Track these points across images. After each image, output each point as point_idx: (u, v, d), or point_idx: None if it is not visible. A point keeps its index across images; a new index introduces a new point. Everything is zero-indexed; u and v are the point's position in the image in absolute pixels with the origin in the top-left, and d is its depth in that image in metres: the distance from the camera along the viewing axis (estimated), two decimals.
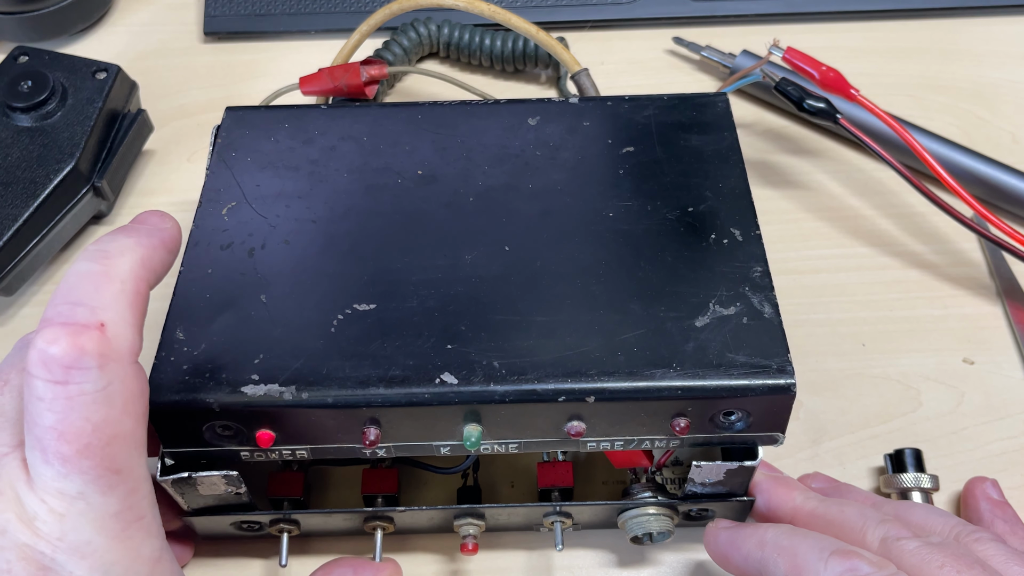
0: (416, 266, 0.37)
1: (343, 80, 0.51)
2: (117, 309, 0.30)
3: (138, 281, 0.31)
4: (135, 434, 0.30)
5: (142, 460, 0.30)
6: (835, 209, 0.53)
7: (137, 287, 0.31)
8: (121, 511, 0.29)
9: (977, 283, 0.50)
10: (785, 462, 0.43)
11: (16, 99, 0.50)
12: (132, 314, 0.30)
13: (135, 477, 0.30)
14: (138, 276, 0.31)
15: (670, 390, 0.33)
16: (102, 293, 0.30)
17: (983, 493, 0.40)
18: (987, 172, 0.52)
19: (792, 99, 0.50)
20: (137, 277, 0.31)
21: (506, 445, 0.36)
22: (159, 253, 0.33)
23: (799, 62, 0.50)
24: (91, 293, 0.29)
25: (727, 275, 0.37)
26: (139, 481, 0.30)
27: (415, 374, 0.34)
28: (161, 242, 0.33)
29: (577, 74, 0.53)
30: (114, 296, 0.30)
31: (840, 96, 0.50)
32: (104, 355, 0.29)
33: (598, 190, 0.40)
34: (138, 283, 0.31)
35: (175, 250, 0.34)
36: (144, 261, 0.32)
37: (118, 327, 0.29)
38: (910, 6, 0.62)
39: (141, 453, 0.30)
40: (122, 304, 0.30)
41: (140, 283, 0.31)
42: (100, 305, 0.29)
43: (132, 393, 0.30)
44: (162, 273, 0.33)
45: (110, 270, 0.30)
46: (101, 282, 0.30)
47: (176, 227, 0.34)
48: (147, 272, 0.32)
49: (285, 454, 0.36)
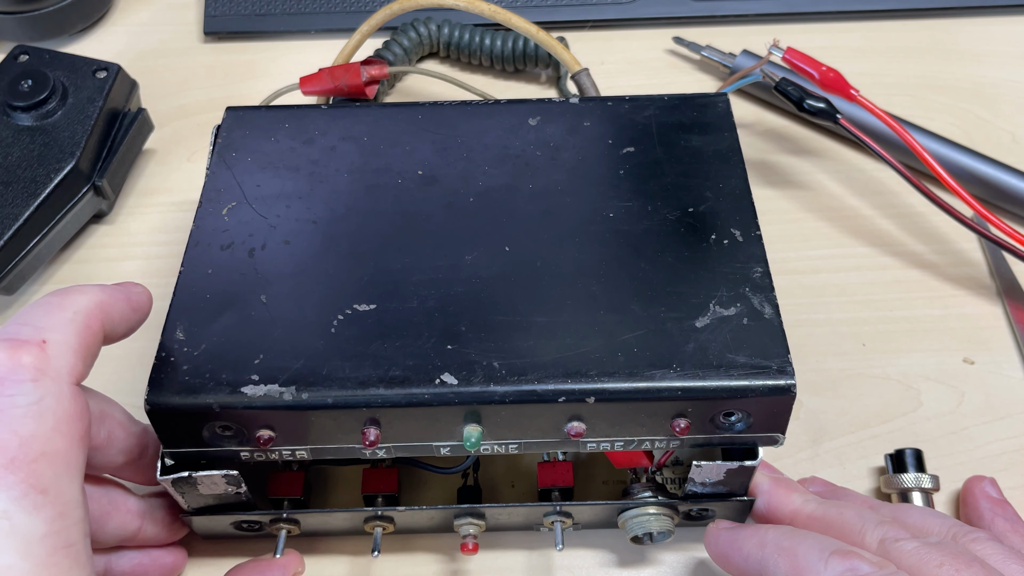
0: (416, 266, 0.37)
1: (343, 80, 0.51)
2: (63, 332, 0.30)
3: (90, 316, 0.31)
4: (68, 456, 0.29)
5: (75, 485, 0.29)
6: (835, 209, 0.53)
7: (88, 321, 0.31)
8: (47, 535, 0.28)
9: (977, 283, 0.50)
10: (785, 462, 0.43)
11: (17, 98, 0.50)
12: (78, 341, 0.30)
13: (65, 501, 0.28)
14: (91, 313, 0.31)
15: (670, 391, 0.33)
16: (51, 317, 0.30)
17: (982, 492, 0.40)
18: (987, 172, 0.52)
19: (792, 99, 0.50)
20: (90, 313, 0.31)
21: (506, 446, 0.36)
22: (121, 304, 0.33)
23: (799, 62, 0.50)
24: (40, 316, 0.30)
25: (727, 276, 0.37)
26: (69, 506, 0.28)
27: (415, 374, 0.34)
28: (126, 297, 0.34)
29: (577, 74, 0.53)
30: (62, 321, 0.30)
31: (840, 96, 0.50)
32: (40, 370, 0.29)
33: (598, 190, 0.40)
34: (90, 318, 0.31)
35: (140, 310, 0.34)
36: (102, 304, 0.32)
37: (60, 348, 0.30)
38: (910, 6, 0.62)
39: (74, 477, 0.29)
40: (69, 330, 0.30)
41: (92, 319, 0.31)
42: (46, 326, 0.30)
43: (67, 413, 0.29)
44: (120, 325, 0.33)
45: (64, 301, 0.31)
46: (53, 309, 0.31)
47: (146, 293, 0.35)
48: (103, 314, 0.32)
49: (285, 454, 0.36)
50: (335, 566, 0.41)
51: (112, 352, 0.48)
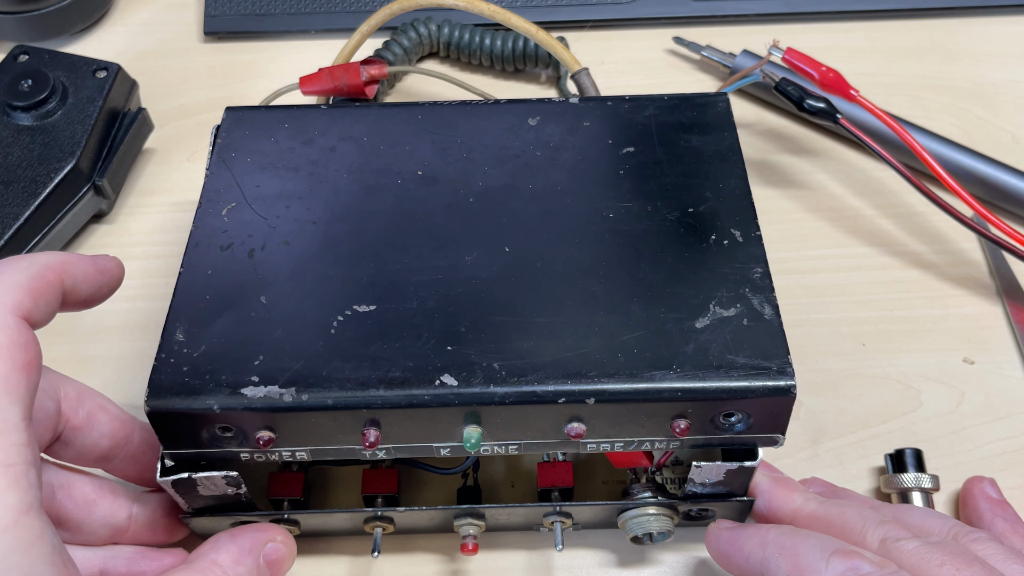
0: (416, 267, 0.37)
1: (343, 80, 0.51)
2: (13, 275, 0.31)
3: (46, 267, 0.32)
4: (7, 379, 0.29)
5: (15, 408, 0.29)
6: (835, 209, 0.53)
7: (44, 271, 0.32)
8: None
9: (977, 283, 0.50)
10: (785, 462, 0.43)
11: (17, 98, 0.50)
12: (28, 282, 0.31)
13: (3, 420, 0.29)
14: (48, 264, 0.32)
15: (670, 392, 0.33)
16: (4, 265, 0.31)
17: (982, 492, 0.40)
18: (987, 172, 0.52)
19: (792, 99, 0.50)
20: (46, 264, 0.32)
21: (506, 446, 0.36)
22: (84, 264, 0.34)
23: (799, 63, 0.50)
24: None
25: (727, 276, 0.37)
26: (7, 425, 0.29)
27: (415, 376, 0.34)
28: (92, 261, 0.34)
29: (577, 74, 0.53)
30: (15, 268, 0.31)
31: (840, 96, 0.50)
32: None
33: (598, 191, 0.40)
34: (46, 268, 0.32)
35: (106, 273, 0.35)
36: (63, 262, 0.33)
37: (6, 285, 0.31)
38: (910, 6, 0.62)
39: (14, 401, 0.29)
40: (20, 273, 0.31)
41: (49, 270, 0.32)
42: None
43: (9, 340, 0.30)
44: (84, 283, 0.34)
45: (23, 257, 0.32)
46: (9, 261, 0.31)
47: (116, 261, 0.36)
48: (61, 267, 0.33)
49: (285, 455, 0.36)
50: (335, 566, 0.41)
51: (112, 352, 0.48)
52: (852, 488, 0.42)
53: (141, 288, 0.50)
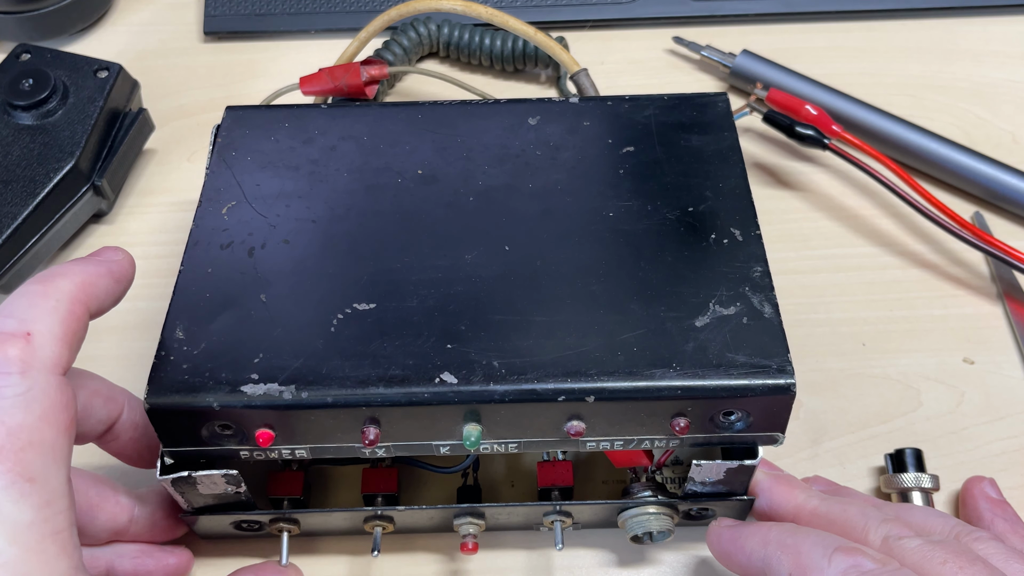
0: (416, 266, 0.37)
1: (343, 80, 0.51)
2: (47, 322, 0.30)
3: (74, 302, 0.31)
4: (55, 445, 0.29)
5: (61, 473, 0.29)
6: (835, 209, 0.53)
7: (72, 307, 0.31)
8: (35, 522, 0.28)
9: (977, 283, 0.50)
10: (785, 462, 0.43)
11: (17, 97, 0.50)
12: (63, 329, 0.31)
13: (52, 489, 0.29)
14: (75, 297, 0.32)
15: (670, 390, 0.33)
16: (34, 308, 0.30)
17: (982, 492, 0.40)
18: (987, 172, 0.52)
19: (782, 127, 0.52)
20: (73, 298, 0.31)
21: (506, 445, 0.36)
22: (104, 280, 0.33)
23: (783, 102, 0.53)
24: (24, 307, 0.30)
25: (727, 275, 0.37)
26: (56, 494, 0.29)
27: (415, 374, 0.34)
28: (108, 271, 0.33)
29: (576, 74, 0.53)
30: (46, 311, 0.31)
31: (823, 133, 0.51)
32: (26, 362, 0.29)
33: (598, 190, 0.40)
34: (74, 303, 0.31)
35: (123, 280, 0.34)
36: (85, 285, 0.32)
37: (45, 338, 0.30)
38: (910, 6, 0.62)
39: (60, 466, 0.29)
40: (53, 319, 0.30)
41: (76, 304, 0.32)
42: (30, 318, 0.30)
43: (54, 403, 0.29)
44: (106, 300, 0.33)
45: (48, 289, 0.31)
46: (36, 298, 0.31)
47: (128, 260, 0.35)
48: (86, 295, 0.32)
49: (285, 453, 0.36)
50: (335, 566, 0.41)
51: (112, 352, 0.48)
52: (852, 488, 0.42)
53: (141, 288, 0.50)
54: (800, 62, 0.58)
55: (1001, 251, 0.47)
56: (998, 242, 0.47)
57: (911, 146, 0.53)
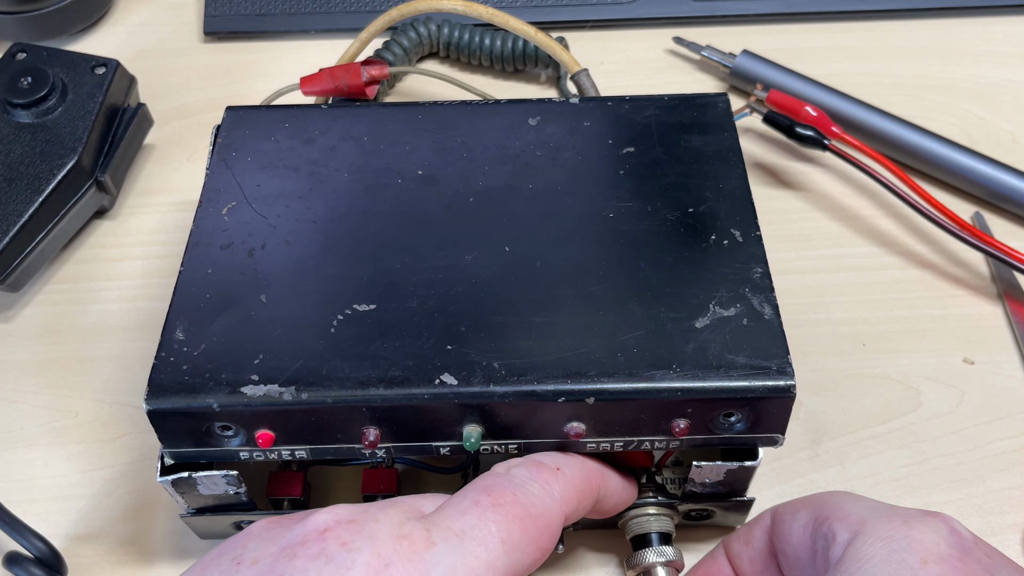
0: (416, 266, 0.37)
1: (344, 80, 0.51)
2: (572, 470, 0.35)
3: (592, 473, 0.35)
4: None
5: None
6: (835, 209, 0.53)
7: (590, 475, 0.35)
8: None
9: (977, 283, 0.50)
10: (785, 462, 0.43)
11: (16, 95, 0.50)
12: (583, 480, 0.35)
13: None
14: (593, 470, 0.35)
15: (670, 391, 0.33)
16: (567, 458, 0.35)
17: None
18: (987, 172, 0.52)
19: (782, 128, 0.52)
20: (592, 470, 0.35)
21: (506, 446, 0.36)
22: (615, 481, 0.37)
23: (783, 103, 0.53)
24: (557, 455, 0.35)
25: (727, 276, 0.37)
26: None
27: (415, 375, 0.34)
28: (621, 475, 0.37)
29: (577, 74, 0.53)
30: (576, 462, 0.35)
31: (823, 134, 0.51)
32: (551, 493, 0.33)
33: (598, 191, 0.40)
34: (591, 474, 0.35)
35: (631, 497, 0.38)
36: (603, 472, 0.36)
37: (568, 480, 0.34)
38: (910, 6, 0.62)
39: None
40: (577, 471, 0.35)
41: (593, 475, 0.35)
42: (563, 463, 0.35)
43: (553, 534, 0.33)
44: (611, 500, 0.36)
45: (581, 459, 0.36)
46: (566, 454, 0.36)
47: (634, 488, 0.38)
48: (603, 479, 0.36)
49: (285, 454, 0.36)
50: None
51: (112, 352, 0.48)
52: (853, 489, 0.42)
53: (141, 288, 0.50)
54: (800, 62, 0.58)
55: (1001, 251, 0.47)
56: (998, 243, 0.47)
57: (911, 146, 0.53)
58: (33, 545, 0.38)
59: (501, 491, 0.32)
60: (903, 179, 0.49)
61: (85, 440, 0.45)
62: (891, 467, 0.43)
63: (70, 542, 0.42)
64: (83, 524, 0.42)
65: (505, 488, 0.32)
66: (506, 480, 0.32)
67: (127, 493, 0.43)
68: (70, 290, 0.51)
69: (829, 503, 0.33)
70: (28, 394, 0.47)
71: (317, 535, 0.30)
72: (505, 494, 0.32)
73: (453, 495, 0.32)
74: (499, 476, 0.33)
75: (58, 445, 0.45)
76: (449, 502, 0.32)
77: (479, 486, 0.32)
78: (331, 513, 0.31)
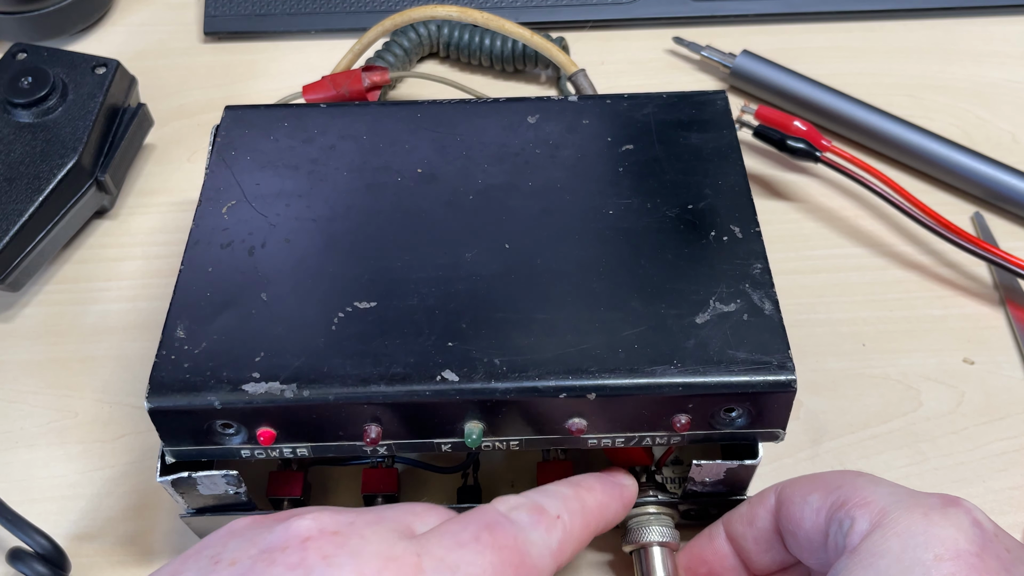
0: (416, 264, 0.37)
1: (345, 87, 0.52)
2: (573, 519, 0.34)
3: (589, 515, 0.35)
4: None
5: None
6: (835, 209, 0.53)
7: (587, 520, 0.35)
8: None
9: (977, 283, 0.50)
10: (785, 462, 0.43)
11: (17, 95, 0.50)
12: (581, 530, 0.34)
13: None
14: (593, 512, 0.35)
15: (671, 387, 0.33)
16: (568, 503, 0.34)
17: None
18: (987, 172, 0.52)
19: (773, 141, 0.52)
20: (590, 512, 0.35)
21: (507, 442, 0.36)
22: (615, 504, 0.36)
23: (772, 118, 0.53)
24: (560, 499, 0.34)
25: (727, 272, 0.37)
26: None
27: (416, 372, 0.34)
28: (620, 495, 0.36)
29: (574, 75, 0.53)
30: (574, 511, 0.34)
31: (814, 147, 0.51)
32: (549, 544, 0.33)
33: (598, 188, 0.40)
34: (589, 517, 0.35)
35: (628, 507, 0.37)
36: (603, 506, 0.35)
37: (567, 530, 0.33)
38: (910, 6, 0.62)
39: None
40: (577, 520, 0.34)
41: (591, 518, 0.35)
42: (565, 509, 0.34)
43: None
44: (610, 524, 0.36)
45: (579, 494, 0.35)
46: (571, 499, 0.35)
47: (634, 487, 0.37)
48: (601, 516, 0.35)
49: (286, 452, 0.36)
50: None
51: (112, 352, 0.48)
52: None
53: (141, 288, 0.50)
54: (800, 62, 0.58)
55: (1000, 257, 0.47)
56: (997, 250, 0.47)
57: (911, 146, 0.53)
58: (36, 541, 0.38)
59: (504, 533, 0.31)
60: (897, 190, 0.49)
61: (85, 440, 0.45)
62: (891, 467, 0.43)
63: (70, 542, 0.42)
64: (83, 524, 0.42)
65: (508, 530, 0.31)
66: (509, 523, 0.32)
67: (127, 493, 0.43)
68: (70, 290, 0.51)
69: (845, 485, 0.32)
70: (28, 394, 0.46)
71: (299, 542, 0.29)
72: (507, 537, 0.31)
73: (450, 521, 0.32)
74: (502, 516, 0.32)
75: (58, 445, 0.45)
76: (446, 528, 0.31)
77: (481, 521, 0.31)
78: (315, 520, 0.30)
